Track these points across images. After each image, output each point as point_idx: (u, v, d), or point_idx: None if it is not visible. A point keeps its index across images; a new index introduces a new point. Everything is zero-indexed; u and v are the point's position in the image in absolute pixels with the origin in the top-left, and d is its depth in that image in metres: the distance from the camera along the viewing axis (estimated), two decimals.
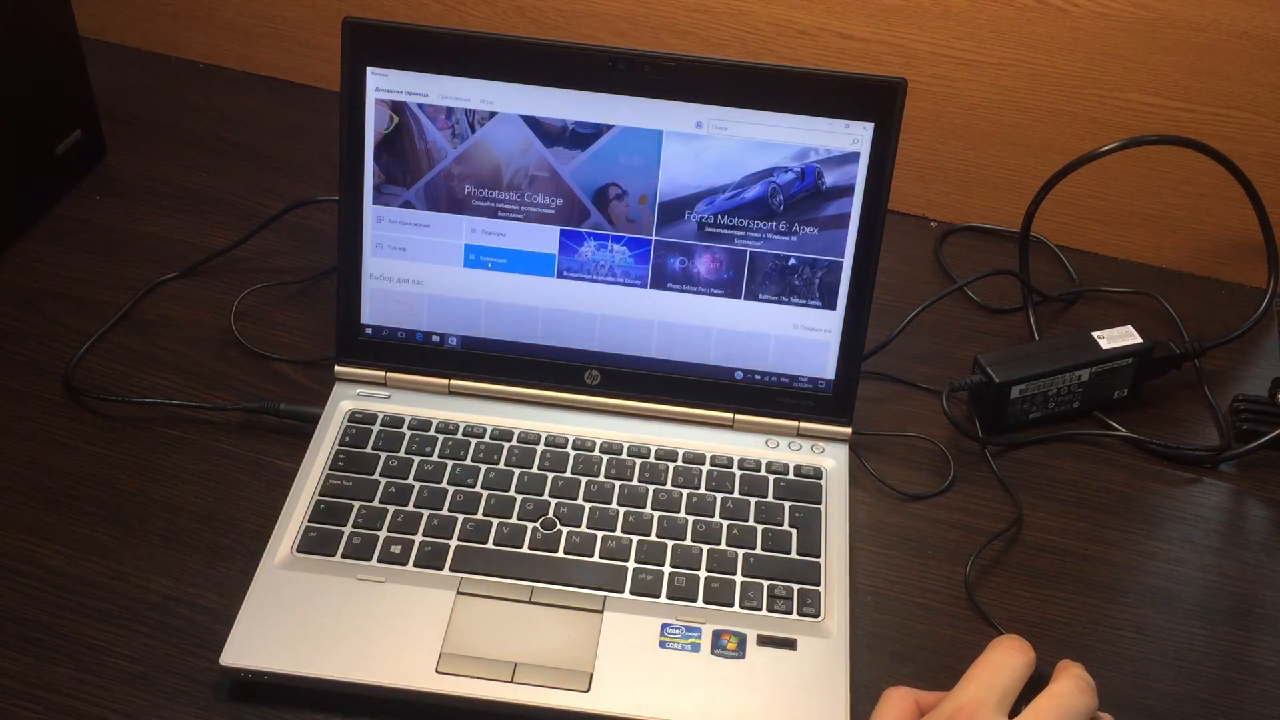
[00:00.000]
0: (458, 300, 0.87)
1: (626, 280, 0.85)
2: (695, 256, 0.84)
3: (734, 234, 0.84)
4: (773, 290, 0.85)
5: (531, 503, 0.81)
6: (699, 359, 0.86)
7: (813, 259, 0.84)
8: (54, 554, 0.79)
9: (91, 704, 0.71)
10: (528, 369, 0.88)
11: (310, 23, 1.16)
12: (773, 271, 0.84)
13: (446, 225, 0.85)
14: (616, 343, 0.86)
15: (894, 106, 0.80)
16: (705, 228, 0.84)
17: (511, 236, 0.85)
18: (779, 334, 0.85)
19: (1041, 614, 0.80)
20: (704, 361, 0.86)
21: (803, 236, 0.83)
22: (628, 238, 0.84)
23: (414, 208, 0.85)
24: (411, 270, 0.86)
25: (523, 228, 0.85)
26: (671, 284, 0.85)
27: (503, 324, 0.87)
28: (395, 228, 0.85)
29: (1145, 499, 0.88)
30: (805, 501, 0.83)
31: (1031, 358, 0.90)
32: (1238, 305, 1.03)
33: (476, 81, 0.82)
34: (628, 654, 0.74)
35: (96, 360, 0.91)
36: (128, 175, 1.08)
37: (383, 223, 0.86)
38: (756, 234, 0.83)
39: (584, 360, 0.87)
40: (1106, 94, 1.01)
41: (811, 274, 0.84)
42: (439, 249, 0.86)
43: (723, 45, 1.06)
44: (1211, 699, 0.76)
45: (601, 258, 0.85)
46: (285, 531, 0.78)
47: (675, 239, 0.84)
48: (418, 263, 0.86)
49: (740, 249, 0.84)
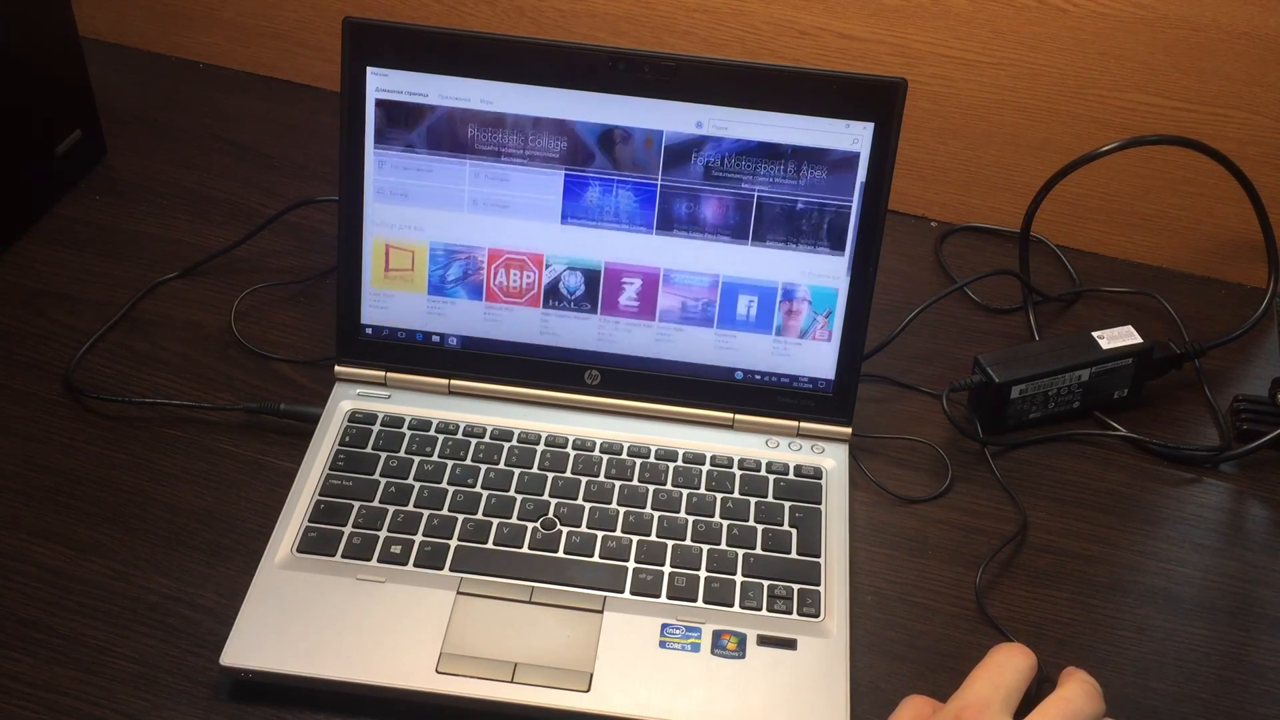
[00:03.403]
0: (461, 247, 0.85)
1: (632, 225, 0.84)
2: (702, 201, 0.83)
3: (741, 178, 0.83)
4: (780, 235, 0.83)
5: (531, 503, 0.81)
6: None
7: (820, 202, 0.82)
8: (54, 554, 0.79)
9: (92, 704, 0.71)
10: (528, 369, 0.88)
11: (310, 23, 1.16)
12: (780, 216, 0.83)
13: (449, 168, 0.84)
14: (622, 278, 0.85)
15: (894, 106, 0.80)
16: (712, 171, 0.83)
17: (515, 180, 0.84)
18: (787, 281, 0.84)
19: (1042, 614, 0.80)
20: (705, 354, 0.86)
21: (811, 178, 0.82)
22: (633, 181, 0.84)
23: (416, 150, 0.84)
24: (414, 216, 0.85)
25: (527, 171, 0.84)
26: (678, 229, 0.84)
27: None
28: (397, 172, 0.84)
29: (1145, 499, 0.88)
30: (805, 501, 0.83)
31: (1031, 358, 0.90)
32: (1238, 305, 1.03)
33: (476, 81, 0.82)
34: (628, 654, 0.74)
35: (96, 360, 0.91)
36: (128, 175, 1.08)
37: (384, 167, 0.84)
38: (764, 178, 0.82)
39: (584, 360, 0.87)
40: (1106, 94, 1.01)
41: (820, 218, 0.83)
42: (442, 194, 0.84)
43: (723, 45, 1.06)
44: (1211, 699, 0.76)
45: (606, 202, 0.84)
46: (285, 531, 0.78)
47: (681, 182, 0.83)
48: (420, 208, 0.85)
49: (747, 193, 0.83)
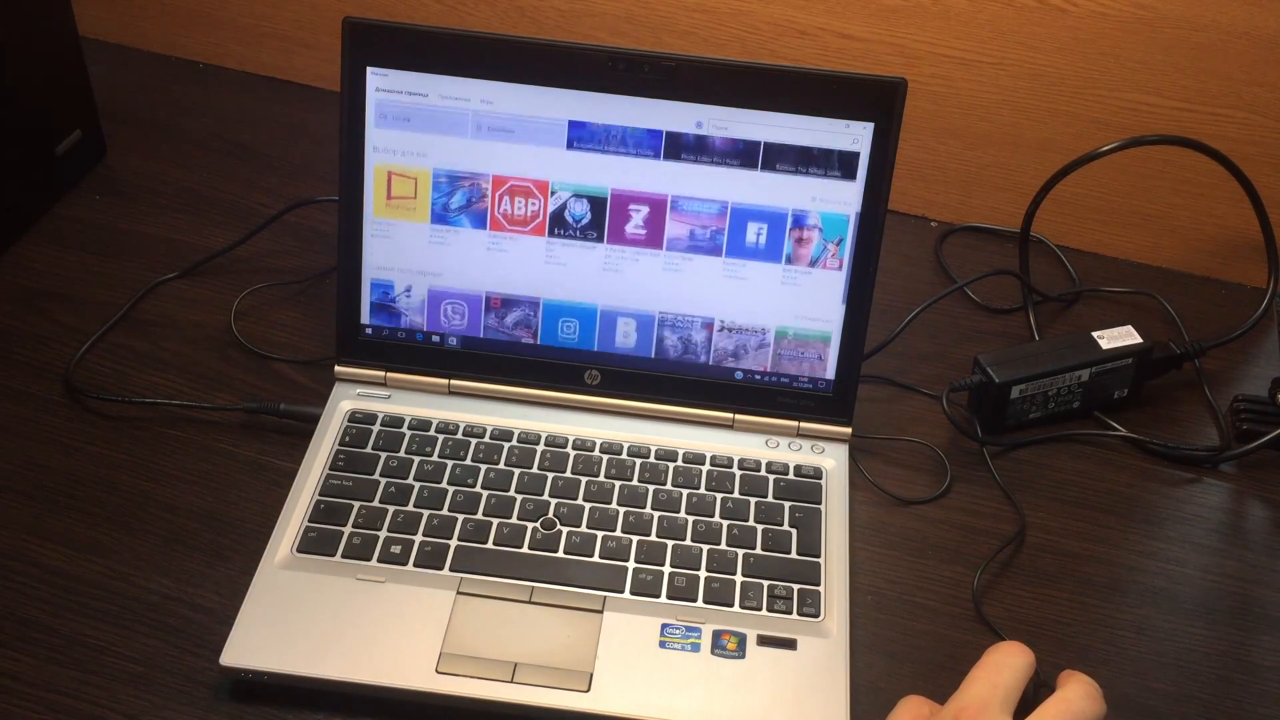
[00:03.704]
0: (465, 174, 0.84)
1: (639, 151, 0.83)
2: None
3: None
4: (790, 161, 0.82)
5: (531, 503, 0.81)
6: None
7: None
8: (54, 554, 0.79)
9: (92, 704, 0.71)
10: (528, 369, 0.88)
11: (310, 23, 1.16)
12: (790, 144, 0.82)
13: (452, 88, 0.83)
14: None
15: (894, 106, 0.80)
16: None
17: (520, 102, 0.82)
18: (797, 208, 0.83)
19: (1041, 614, 0.80)
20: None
21: None
22: None
23: (418, 70, 0.82)
24: (417, 143, 0.84)
25: (532, 92, 0.82)
26: (685, 155, 0.83)
27: None
28: (398, 97, 0.83)
29: (1145, 499, 0.88)
30: (805, 501, 0.83)
31: (1031, 358, 0.90)
32: (1238, 305, 1.03)
33: (476, 81, 0.82)
34: (628, 654, 0.74)
35: (96, 360, 0.91)
36: (128, 175, 1.08)
37: (381, 93, 0.83)
38: None
39: (584, 360, 0.87)
40: (1106, 94, 1.01)
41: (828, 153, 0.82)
42: (445, 118, 0.83)
43: (723, 45, 1.06)
44: (1211, 699, 0.76)
45: (613, 128, 0.82)
46: (285, 531, 0.78)
47: None
48: (424, 134, 0.84)
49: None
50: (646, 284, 0.86)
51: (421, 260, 0.86)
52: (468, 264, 0.86)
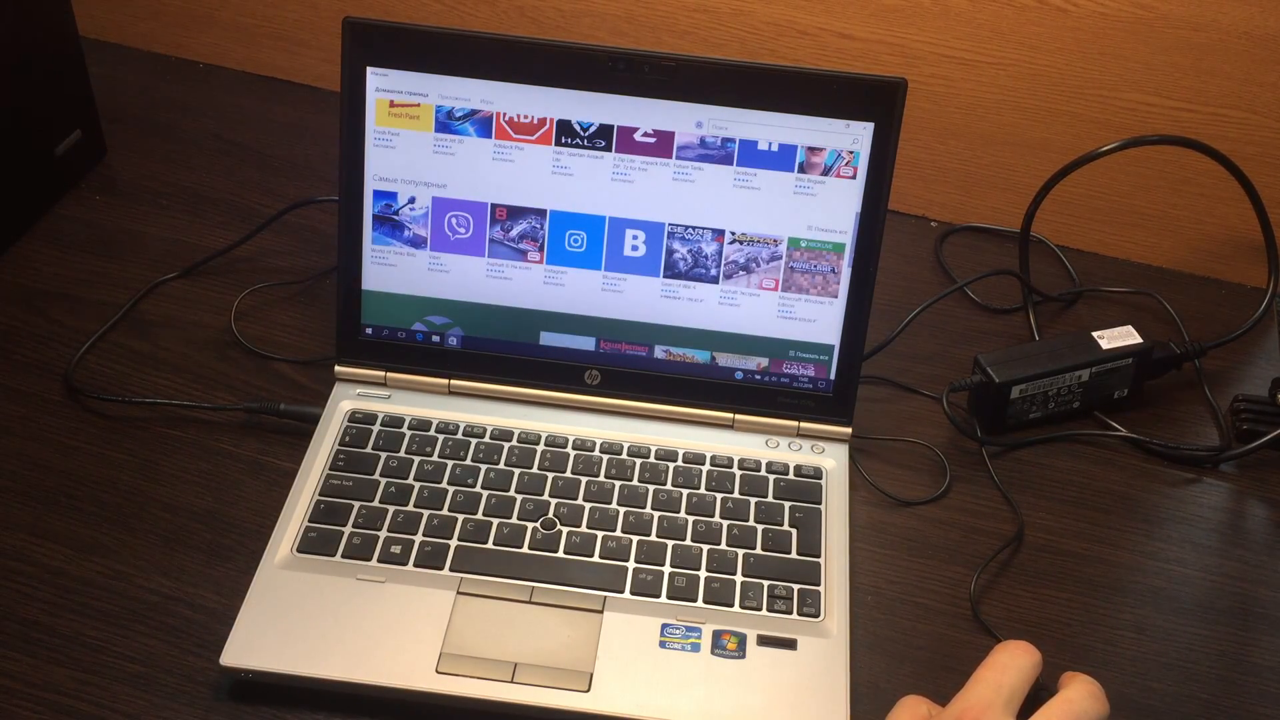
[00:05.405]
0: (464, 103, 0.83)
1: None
2: None
3: None
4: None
5: (531, 503, 0.81)
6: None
7: None
8: (54, 554, 0.79)
9: (91, 704, 0.71)
10: (528, 369, 0.88)
11: (310, 23, 1.16)
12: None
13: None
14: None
15: (894, 106, 0.80)
16: None
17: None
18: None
19: (1041, 614, 0.80)
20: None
21: None
22: None
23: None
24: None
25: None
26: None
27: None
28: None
29: (1145, 499, 0.88)
30: (805, 501, 0.83)
31: (1031, 358, 0.90)
32: (1238, 305, 1.03)
33: (476, 81, 0.82)
34: (628, 654, 0.74)
35: (96, 360, 0.91)
36: (128, 175, 1.08)
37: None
38: None
39: (584, 360, 0.87)
40: (1106, 94, 1.01)
41: None
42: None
43: (723, 45, 1.06)
44: (1211, 699, 0.76)
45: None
46: (285, 531, 0.78)
47: None
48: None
49: None
50: (656, 194, 0.84)
51: (425, 170, 0.85)
52: (473, 174, 0.84)
